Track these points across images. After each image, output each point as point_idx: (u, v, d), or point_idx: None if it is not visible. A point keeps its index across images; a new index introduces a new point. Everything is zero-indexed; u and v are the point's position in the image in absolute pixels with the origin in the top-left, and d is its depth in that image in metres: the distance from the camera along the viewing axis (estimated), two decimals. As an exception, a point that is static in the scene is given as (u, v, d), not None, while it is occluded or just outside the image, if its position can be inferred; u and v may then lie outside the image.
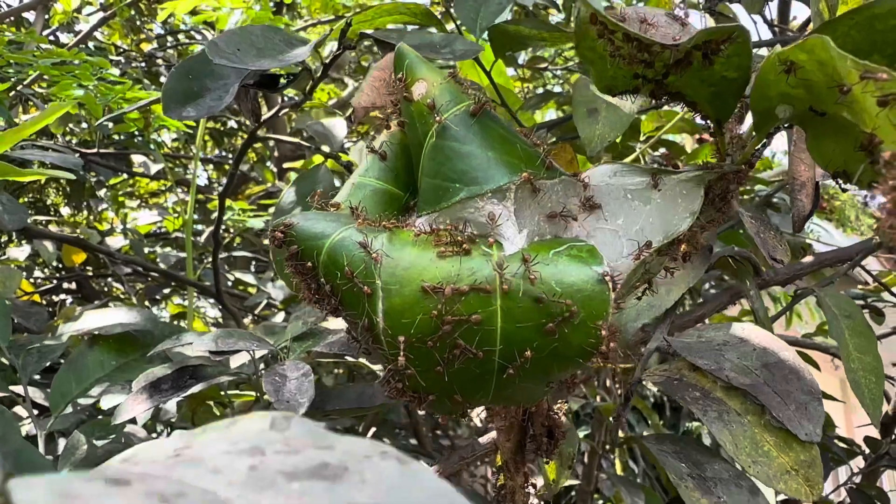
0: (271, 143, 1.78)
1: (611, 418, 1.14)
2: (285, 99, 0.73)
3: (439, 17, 0.74)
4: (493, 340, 0.31)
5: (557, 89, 1.97)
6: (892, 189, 0.22)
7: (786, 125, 0.37)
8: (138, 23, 1.88)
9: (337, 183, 0.83)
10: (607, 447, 1.33)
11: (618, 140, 0.97)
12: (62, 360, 0.82)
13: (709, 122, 0.37)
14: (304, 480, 0.14)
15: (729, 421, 0.42)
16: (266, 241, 1.62)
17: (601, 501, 1.36)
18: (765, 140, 0.37)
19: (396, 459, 0.15)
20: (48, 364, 0.68)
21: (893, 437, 0.94)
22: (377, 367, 0.66)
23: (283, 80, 0.60)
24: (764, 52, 0.91)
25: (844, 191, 0.36)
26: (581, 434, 1.43)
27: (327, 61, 0.61)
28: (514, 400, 0.36)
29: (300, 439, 0.16)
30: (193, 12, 1.25)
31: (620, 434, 1.38)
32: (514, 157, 0.34)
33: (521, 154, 0.35)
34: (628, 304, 0.48)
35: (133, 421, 0.67)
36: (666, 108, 0.85)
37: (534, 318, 0.31)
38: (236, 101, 0.58)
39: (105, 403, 0.63)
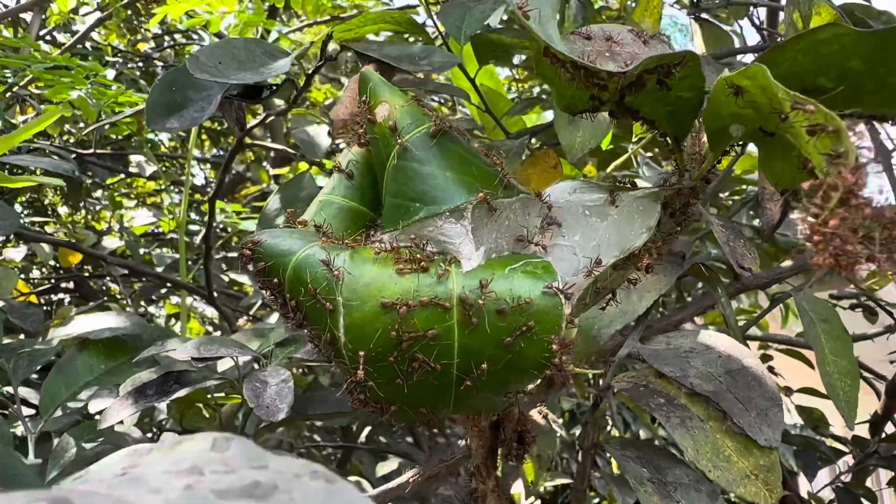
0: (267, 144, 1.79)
1: (605, 417, 1.16)
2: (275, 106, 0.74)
3: (423, 25, 0.75)
4: (451, 354, 0.33)
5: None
6: (813, 216, 0.23)
7: (740, 143, 0.38)
8: (135, 23, 1.89)
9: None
10: (598, 447, 1.34)
11: (606, 142, 0.98)
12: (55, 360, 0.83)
13: (667, 139, 0.38)
14: (234, 499, 0.16)
15: (692, 427, 0.43)
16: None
17: (597, 500, 1.38)
18: (722, 158, 0.38)
19: (325, 479, 0.17)
20: (39, 367, 0.70)
21: (882, 435, 0.95)
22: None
23: (266, 91, 0.61)
24: (750, 57, 0.93)
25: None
26: (576, 433, 1.44)
27: (310, 72, 0.62)
28: (475, 409, 0.38)
29: (237, 459, 0.18)
30: (188, 15, 1.26)
31: (615, 434, 1.40)
32: (471, 177, 0.36)
33: (477, 174, 0.36)
34: (597, 313, 0.50)
35: (121, 423, 0.68)
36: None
37: (490, 333, 0.33)
38: (220, 112, 0.59)
39: (93, 407, 0.64)
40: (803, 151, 0.28)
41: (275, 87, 0.61)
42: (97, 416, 0.83)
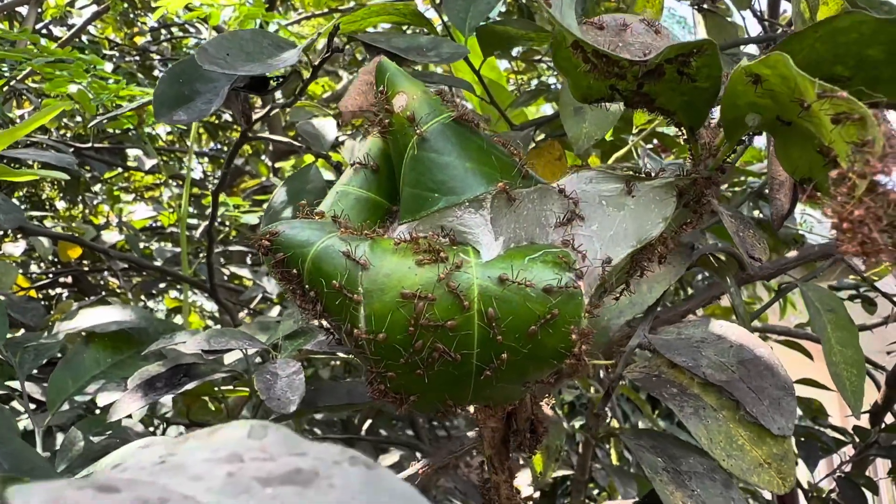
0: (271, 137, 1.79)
1: (606, 409, 1.16)
2: (278, 99, 0.74)
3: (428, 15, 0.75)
4: (471, 344, 0.33)
5: (552, 80, 1.97)
6: (840, 206, 0.23)
7: (756, 132, 0.38)
8: (131, 16, 1.88)
9: (332, 178, 0.84)
10: (601, 438, 1.35)
11: (608, 134, 0.98)
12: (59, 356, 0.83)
13: (682, 129, 0.38)
14: (277, 486, 0.16)
15: (705, 416, 0.43)
16: (261, 236, 1.63)
17: (596, 491, 1.38)
18: (737, 147, 0.38)
19: (364, 465, 0.17)
20: (45, 361, 0.70)
21: (882, 425, 0.96)
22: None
23: (273, 83, 0.61)
24: (753, 48, 0.92)
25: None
26: (577, 425, 1.45)
27: (316, 63, 0.62)
28: (494, 399, 0.38)
29: (276, 446, 0.18)
30: (187, 8, 1.25)
31: (615, 425, 1.40)
32: (490, 167, 0.36)
33: (496, 164, 0.36)
34: (610, 303, 0.50)
35: (129, 416, 0.68)
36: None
37: (511, 323, 0.33)
38: (226, 104, 0.59)
39: (101, 400, 0.64)
40: (825, 140, 0.28)
41: (281, 80, 0.60)
42: (96, 412, 0.82)
